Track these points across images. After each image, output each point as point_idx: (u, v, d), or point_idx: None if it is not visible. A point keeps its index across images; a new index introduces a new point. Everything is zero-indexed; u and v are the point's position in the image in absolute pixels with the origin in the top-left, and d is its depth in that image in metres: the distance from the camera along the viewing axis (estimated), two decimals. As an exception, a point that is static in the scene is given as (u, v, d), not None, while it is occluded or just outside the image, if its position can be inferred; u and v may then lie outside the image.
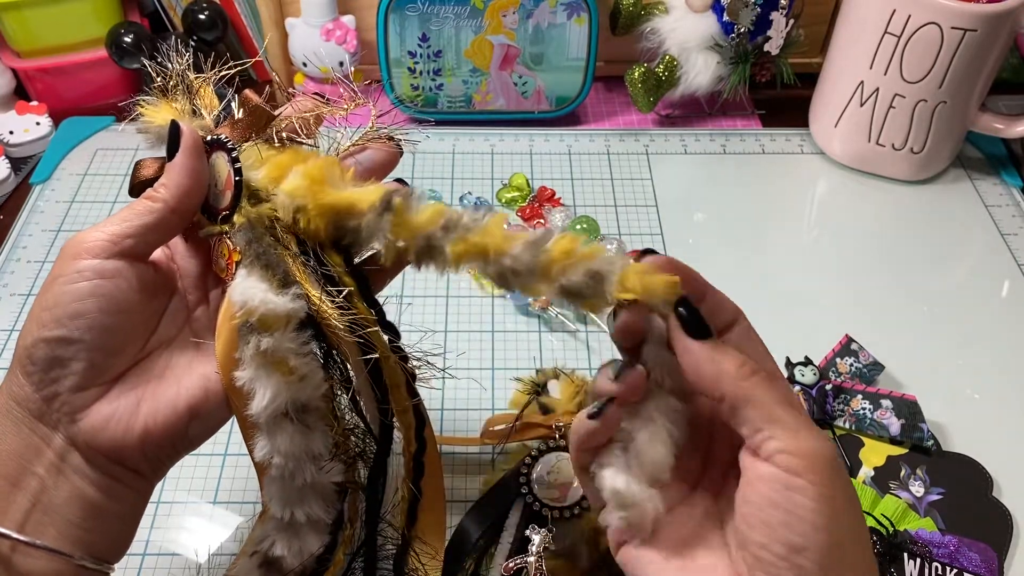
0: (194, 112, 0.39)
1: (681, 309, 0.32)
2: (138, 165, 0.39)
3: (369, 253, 0.37)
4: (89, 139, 0.77)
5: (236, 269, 0.35)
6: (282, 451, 0.34)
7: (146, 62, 0.40)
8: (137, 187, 0.38)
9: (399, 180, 0.38)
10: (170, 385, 0.36)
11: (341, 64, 0.76)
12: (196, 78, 0.39)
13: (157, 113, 0.39)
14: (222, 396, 0.36)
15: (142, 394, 0.35)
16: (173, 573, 0.49)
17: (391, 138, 0.39)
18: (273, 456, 0.34)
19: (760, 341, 0.34)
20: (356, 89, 0.39)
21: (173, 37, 0.76)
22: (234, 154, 0.36)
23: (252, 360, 0.33)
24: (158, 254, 0.38)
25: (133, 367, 0.36)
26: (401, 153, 0.40)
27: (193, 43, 0.76)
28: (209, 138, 0.38)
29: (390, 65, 0.75)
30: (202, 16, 0.76)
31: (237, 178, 0.36)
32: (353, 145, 0.39)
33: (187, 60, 0.39)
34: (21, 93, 0.81)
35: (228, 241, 0.36)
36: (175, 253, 0.40)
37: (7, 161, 0.74)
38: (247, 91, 0.38)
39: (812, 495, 0.29)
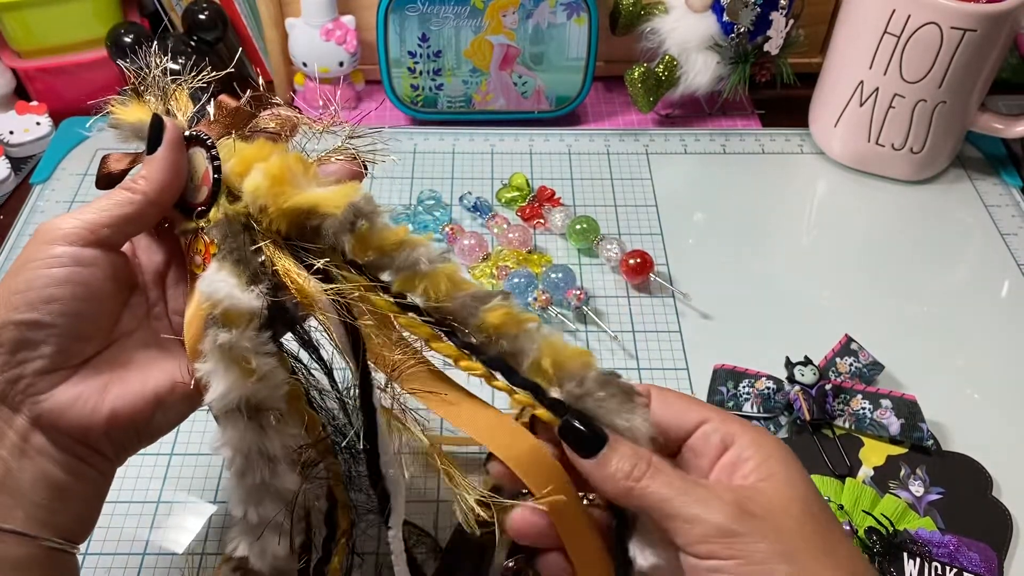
0: (168, 112, 0.39)
1: (566, 432, 0.34)
2: (105, 159, 0.39)
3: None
4: (89, 139, 0.77)
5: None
6: (232, 444, 0.34)
7: (123, 64, 0.40)
8: (104, 179, 0.39)
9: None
10: (136, 373, 0.36)
11: (341, 64, 0.76)
12: (173, 80, 0.39)
13: (130, 112, 0.39)
14: (188, 390, 0.36)
15: (109, 379, 0.35)
16: (173, 573, 0.49)
17: (356, 156, 0.39)
18: (223, 448, 0.35)
19: (675, 397, 0.36)
20: (336, 104, 0.39)
21: (171, 37, 0.76)
22: (213, 152, 0.37)
23: (211, 353, 0.34)
24: (124, 247, 0.38)
25: (97, 355, 0.36)
26: (364, 174, 0.40)
27: (193, 43, 0.76)
28: (188, 133, 0.38)
29: (390, 65, 0.75)
30: (202, 16, 0.76)
31: (216, 176, 0.36)
32: (319, 160, 0.39)
33: (164, 63, 0.39)
34: (21, 93, 0.81)
35: (204, 237, 0.36)
36: (137, 248, 0.40)
37: (7, 161, 0.74)
38: (223, 95, 0.38)
39: (731, 569, 0.30)
